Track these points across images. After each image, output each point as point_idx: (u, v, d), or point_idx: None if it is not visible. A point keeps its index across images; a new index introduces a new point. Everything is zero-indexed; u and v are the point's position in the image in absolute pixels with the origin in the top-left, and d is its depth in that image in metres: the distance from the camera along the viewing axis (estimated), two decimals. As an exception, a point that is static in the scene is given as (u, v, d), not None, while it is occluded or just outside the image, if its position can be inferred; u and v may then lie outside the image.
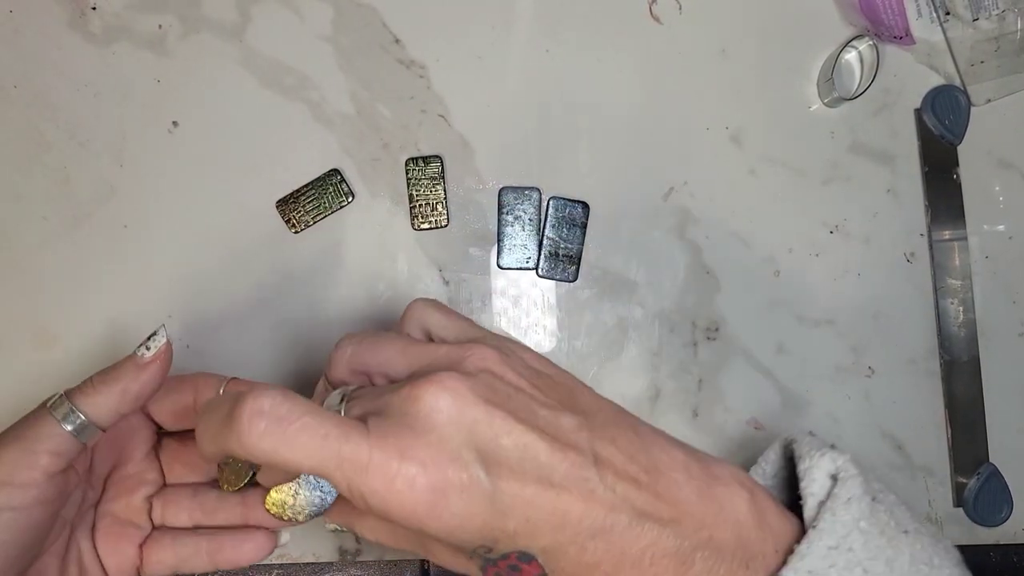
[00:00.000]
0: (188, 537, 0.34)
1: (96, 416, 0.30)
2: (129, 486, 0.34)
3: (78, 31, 0.46)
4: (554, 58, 0.47)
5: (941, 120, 0.48)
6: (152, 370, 0.31)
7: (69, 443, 0.30)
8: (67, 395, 0.30)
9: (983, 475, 0.47)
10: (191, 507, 0.35)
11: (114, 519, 0.34)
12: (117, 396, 0.30)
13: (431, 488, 0.23)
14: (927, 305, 0.48)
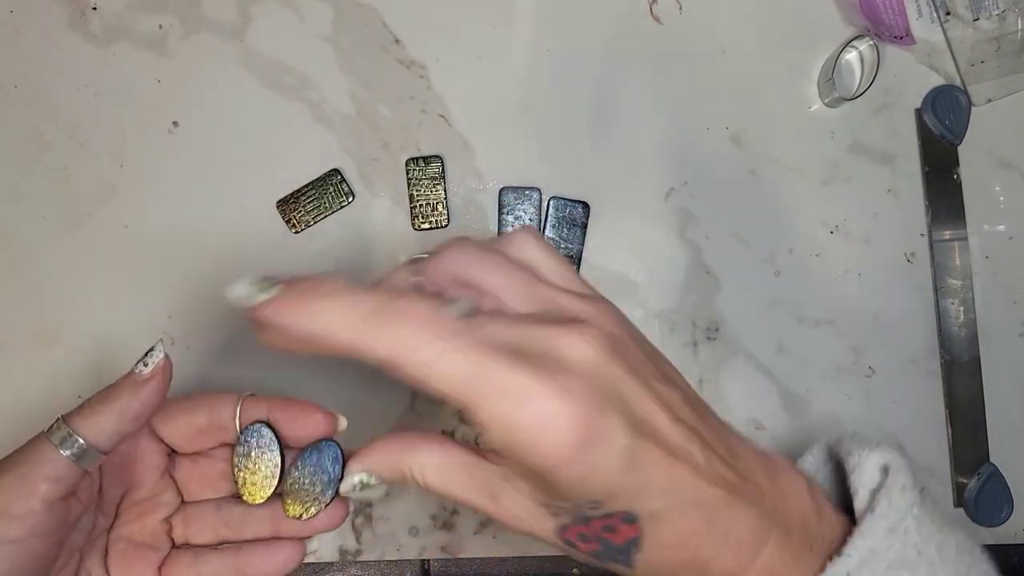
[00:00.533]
0: (212, 554, 0.33)
1: (95, 439, 0.29)
2: (144, 509, 0.33)
3: (78, 31, 0.46)
4: (554, 58, 0.47)
5: (941, 120, 0.48)
6: (151, 387, 0.29)
7: (68, 469, 0.28)
8: (64, 419, 0.29)
9: (983, 475, 0.47)
10: (215, 523, 0.34)
11: (129, 543, 0.33)
12: (116, 416, 0.29)
13: (583, 431, 0.23)
14: (927, 305, 0.48)
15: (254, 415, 0.33)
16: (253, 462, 0.32)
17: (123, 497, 0.33)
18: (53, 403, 0.44)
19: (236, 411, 0.33)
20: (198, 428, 0.33)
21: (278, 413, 0.32)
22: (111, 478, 0.33)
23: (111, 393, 0.30)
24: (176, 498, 0.34)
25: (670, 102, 0.48)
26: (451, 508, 0.46)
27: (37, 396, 0.44)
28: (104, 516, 0.33)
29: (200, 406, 0.33)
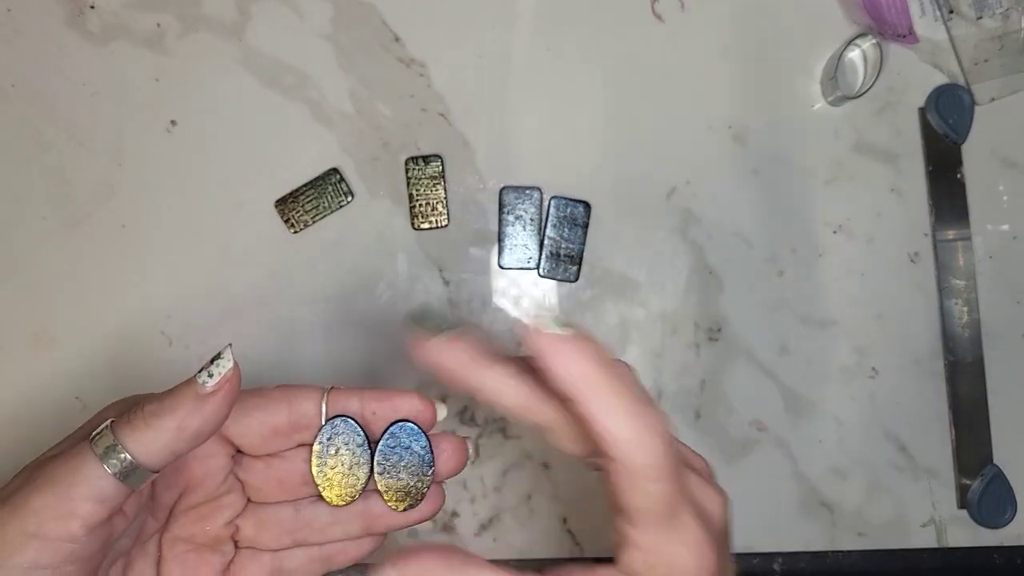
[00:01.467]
0: (292, 551, 0.30)
1: (145, 457, 0.25)
2: (204, 513, 0.29)
3: (76, 30, 0.45)
4: (555, 56, 0.47)
5: (945, 119, 0.47)
6: (215, 402, 0.25)
7: (114, 488, 0.25)
8: (113, 429, 0.25)
9: (987, 477, 0.46)
10: (295, 527, 0.30)
11: (187, 547, 0.29)
12: (172, 434, 0.25)
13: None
14: (931, 305, 0.48)
15: (343, 408, 0.29)
16: (338, 460, 0.29)
17: (179, 499, 0.29)
18: (52, 403, 0.44)
19: (322, 406, 0.29)
20: (274, 428, 0.29)
21: (373, 404, 0.29)
22: (165, 481, 0.29)
23: (168, 403, 0.25)
24: (241, 500, 0.30)
25: (672, 100, 0.47)
26: (451, 509, 0.45)
27: (37, 396, 0.44)
28: (155, 519, 0.29)
29: (278, 402, 0.29)
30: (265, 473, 0.30)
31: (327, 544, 0.30)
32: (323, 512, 0.30)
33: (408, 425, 0.29)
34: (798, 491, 0.47)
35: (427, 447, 0.30)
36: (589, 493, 0.46)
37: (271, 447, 0.29)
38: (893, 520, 0.47)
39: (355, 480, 0.29)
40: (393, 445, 0.29)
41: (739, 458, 0.46)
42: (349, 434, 0.29)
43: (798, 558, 0.47)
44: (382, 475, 0.30)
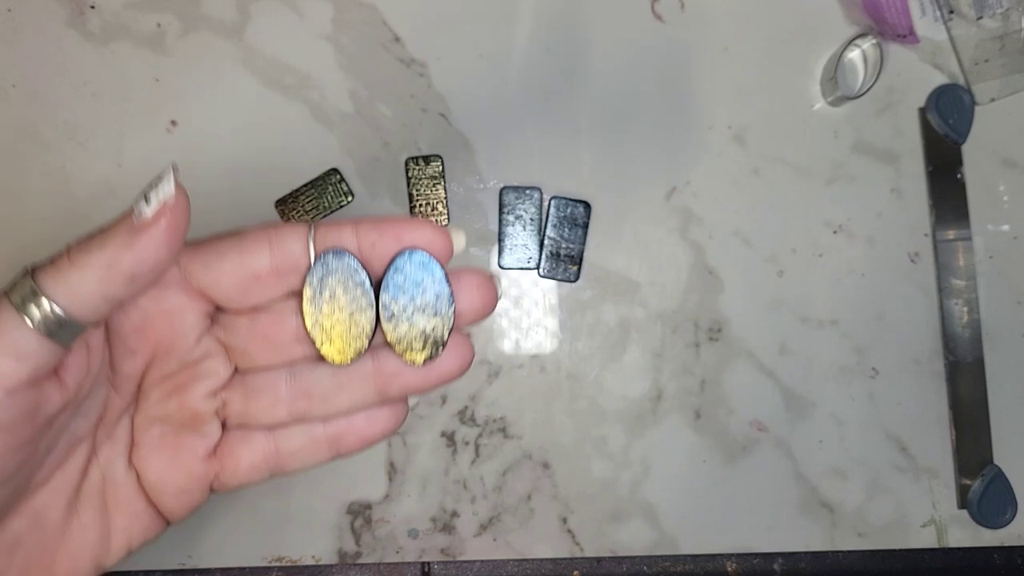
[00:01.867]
0: (291, 430, 0.25)
1: (72, 304, 0.20)
2: (179, 384, 0.24)
3: (77, 30, 0.45)
4: (556, 56, 0.47)
5: (945, 119, 0.47)
6: (154, 234, 0.20)
7: (35, 344, 0.20)
8: (32, 274, 0.21)
9: (987, 477, 0.46)
10: (292, 396, 0.25)
11: (164, 429, 0.24)
12: (101, 273, 0.20)
13: None
14: (931, 306, 0.48)
15: (335, 244, 0.24)
16: (335, 306, 0.24)
17: (147, 369, 0.24)
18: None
19: (309, 242, 0.23)
20: (254, 273, 0.23)
21: (372, 234, 0.24)
22: (124, 346, 0.24)
23: (97, 240, 0.21)
24: (225, 367, 0.25)
25: (672, 100, 0.47)
26: (451, 510, 0.45)
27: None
28: (120, 395, 0.24)
29: (256, 242, 0.23)
30: (250, 331, 0.24)
31: (333, 419, 0.25)
32: (324, 375, 0.25)
33: (417, 253, 0.23)
34: (798, 491, 0.47)
35: (444, 279, 0.24)
36: (589, 493, 0.46)
37: (254, 298, 0.24)
38: (893, 520, 0.47)
39: (358, 330, 0.24)
40: (401, 281, 0.24)
41: (739, 458, 0.46)
42: (345, 272, 0.23)
43: (798, 558, 0.47)
44: (391, 320, 0.24)
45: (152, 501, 0.25)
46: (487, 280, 0.25)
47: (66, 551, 0.23)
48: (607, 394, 0.46)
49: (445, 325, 0.24)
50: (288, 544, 0.45)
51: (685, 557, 0.46)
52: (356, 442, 0.25)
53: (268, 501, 0.45)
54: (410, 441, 0.45)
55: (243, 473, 0.25)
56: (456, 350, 0.24)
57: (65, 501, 0.23)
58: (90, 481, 0.24)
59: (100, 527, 0.24)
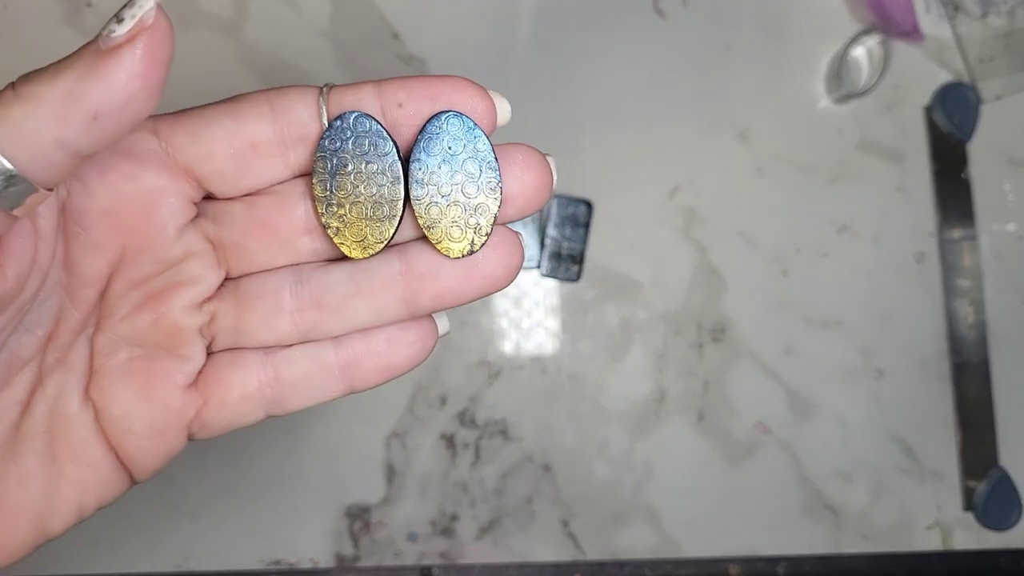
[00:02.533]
0: (292, 352, 0.20)
1: (17, 149, 0.15)
2: (154, 292, 0.19)
3: (73, 28, 0.45)
4: (557, 54, 0.46)
5: (950, 117, 0.47)
6: (125, 62, 0.15)
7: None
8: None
9: (993, 479, 0.46)
10: (300, 304, 0.19)
11: (133, 352, 0.19)
12: (54, 108, 0.15)
13: None
14: (937, 306, 0.47)
15: (355, 108, 0.19)
16: (355, 184, 0.19)
17: (112, 274, 0.19)
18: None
19: (320, 105, 0.18)
20: (251, 142, 0.18)
21: (399, 94, 0.19)
22: (84, 237, 0.18)
23: (51, 68, 0.16)
24: (214, 272, 0.19)
25: (674, 99, 0.47)
26: (451, 513, 0.45)
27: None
28: (77, 308, 0.19)
29: (255, 105, 0.18)
30: (247, 218, 0.19)
31: (347, 339, 0.20)
32: (340, 277, 0.19)
33: (456, 116, 0.19)
34: (802, 494, 0.46)
35: (489, 150, 0.19)
36: (591, 496, 0.45)
37: (252, 176, 0.19)
38: (898, 523, 0.46)
39: (383, 212, 0.19)
40: (436, 150, 0.19)
41: (743, 460, 0.46)
42: (367, 138, 0.18)
43: (803, 562, 0.46)
44: (423, 200, 0.19)
45: (113, 445, 0.19)
46: (539, 156, 0.20)
47: (0, 508, 0.18)
48: (609, 396, 0.46)
49: (490, 208, 0.19)
50: (285, 547, 0.44)
51: (688, 561, 0.46)
52: (374, 371, 0.20)
53: (266, 504, 0.44)
54: (409, 443, 0.45)
55: (231, 408, 0.20)
56: (502, 247, 0.19)
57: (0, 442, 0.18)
58: (33, 418, 0.18)
59: (45, 479, 0.19)
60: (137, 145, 0.18)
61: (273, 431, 0.45)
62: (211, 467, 0.44)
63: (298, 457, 0.44)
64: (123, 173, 0.18)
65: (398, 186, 0.18)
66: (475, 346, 0.45)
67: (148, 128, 0.18)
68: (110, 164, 0.18)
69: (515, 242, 0.20)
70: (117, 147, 0.18)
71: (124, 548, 0.44)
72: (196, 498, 0.44)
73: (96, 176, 0.18)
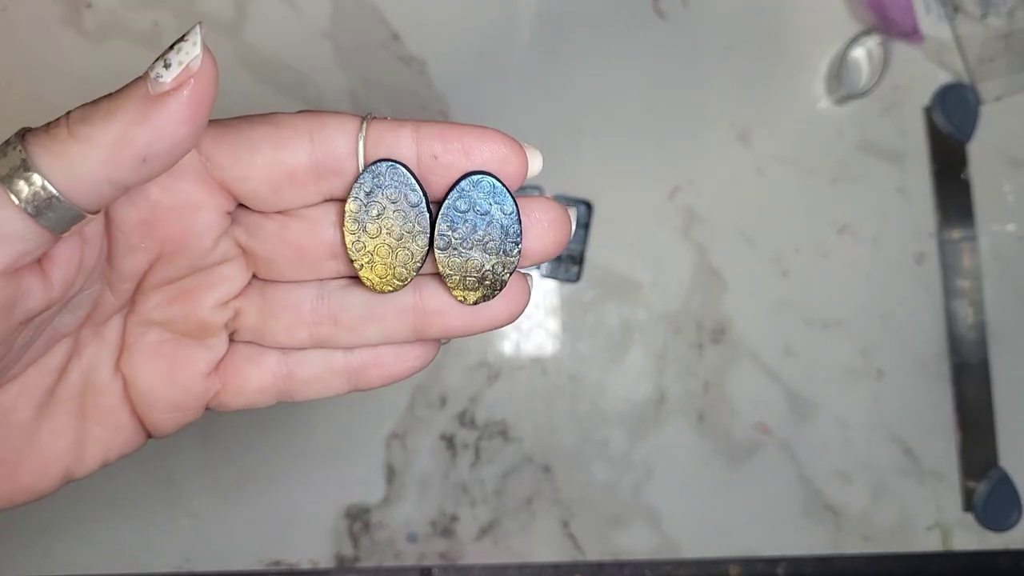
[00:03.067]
0: (307, 354, 0.22)
1: (71, 186, 0.16)
2: (187, 289, 0.21)
3: (73, 28, 0.45)
4: (557, 55, 0.46)
5: (950, 118, 0.47)
6: (173, 108, 0.17)
7: (21, 226, 0.16)
8: (24, 138, 0.17)
9: (993, 479, 0.46)
10: (317, 318, 0.21)
11: (163, 335, 0.21)
12: (106, 153, 0.16)
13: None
14: (937, 307, 0.47)
15: (390, 150, 0.20)
16: (383, 226, 0.20)
17: (152, 266, 0.21)
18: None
19: (359, 144, 0.20)
20: (289, 171, 0.20)
21: (436, 144, 0.20)
22: (126, 241, 0.20)
23: (105, 108, 0.17)
24: (242, 275, 0.21)
25: (674, 99, 0.47)
26: (451, 514, 0.45)
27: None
28: (115, 294, 0.21)
29: (295, 132, 0.20)
30: (279, 237, 0.21)
31: (358, 350, 0.22)
32: (358, 301, 0.21)
33: (487, 180, 0.20)
34: (802, 494, 0.46)
35: (514, 213, 0.20)
36: (591, 497, 0.45)
37: (286, 200, 0.20)
38: (898, 523, 0.46)
39: (406, 256, 0.20)
40: (464, 208, 0.20)
41: (743, 461, 0.46)
42: (399, 188, 0.20)
43: (803, 563, 0.46)
44: (446, 250, 0.20)
45: (137, 413, 0.22)
46: (562, 214, 0.21)
47: (33, 456, 0.21)
48: (609, 396, 0.46)
49: (507, 266, 0.20)
50: (286, 548, 0.44)
51: (688, 561, 0.46)
52: (379, 378, 0.22)
53: (266, 504, 0.44)
54: (409, 444, 0.45)
55: (248, 395, 0.22)
56: (511, 293, 0.21)
57: (36, 401, 0.21)
58: (68, 383, 0.21)
59: (74, 435, 0.21)
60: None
61: (273, 432, 0.45)
62: (212, 468, 0.44)
63: (298, 458, 0.44)
64: (164, 187, 0.19)
65: (423, 236, 0.20)
66: (475, 347, 0.45)
67: None
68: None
69: (524, 288, 0.22)
70: None
71: (125, 549, 0.44)
72: (197, 499, 0.44)
73: (138, 189, 0.19)
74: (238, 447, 0.44)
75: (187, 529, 0.44)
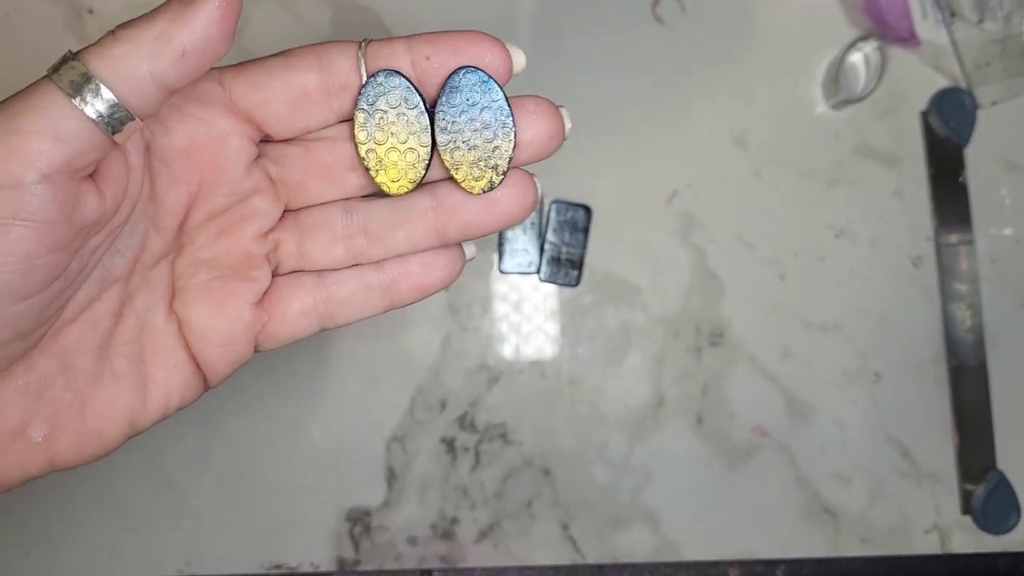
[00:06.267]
0: (342, 274, 0.24)
1: (119, 83, 0.18)
2: (227, 224, 0.23)
3: (75, 34, 0.45)
4: (556, 60, 0.47)
5: (947, 122, 0.47)
6: (206, 8, 0.19)
7: (78, 125, 0.18)
8: (77, 54, 0.19)
9: (991, 482, 0.46)
10: (349, 232, 0.23)
11: (210, 274, 0.23)
12: (149, 48, 0.18)
13: None
14: (934, 310, 0.48)
15: (387, 62, 0.22)
16: (388, 131, 0.22)
17: (190, 207, 0.23)
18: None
19: (360, 61, 0.22)
20: (303, 91, 0.22)
21: (426, 48, 0.23)
22: (167, 172, 0.22)
23: (145, 17, 0.19)
24: (275, 206, 0.23)
25: (673, 104, 0.47)
26: (451, 517, 0.45)
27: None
28: (160, 235, 0.22)
29: (303, 58, 0.22)
30: (304, 158, 0.23)
31: (387, 264, 0.24)
32: (382, 210, 0.23)
33: (472, 72, 0.22)
34: (800, 497, 0.46)
35: (503, 99, 0.22)
36: (590, 499, 0.45)
37: (303, 121, 0.23)
38: (896, 526, 0.47)
39: (414, 156, 0.22)
40: (456, 102, 0.22)
41: (741, 463, 0.46)
42: (398, 93, 0.22)
43: (801, 565, 0.46)
44: (447, 146, 0.22)
45: (193, 353, 0.23)
46: (551, 106, 0.23)
47: (98, 401, 0.22)
48: (608, 399, 0.46)
49: (505, 150, 0.22)
50: (287, 551, 0.44)
51: (687, 564, 0.46)
52: (411, 290, 0.24)
53: (267, 507, 0.44)
54: (409, 447, 0.45)
55: (291, 321, 0.24)
56: (517, 186, 0.23)
57: (96, 345, 0.22)
58: (124, 327, 0.22)
59: (136, 379, 0.22)
60: (207, 92, 0.22)
61: (274, 435, 0.45)
62: (213, 472, 0.44)
63: (299, 461, 0.45)
64: (196, 117, 0.22)
65: (426, 134, 0.22)
66: (475, 350, 0.46)
67: (214, 79, 0.22)
68: (185, 109, 0.22)
69: (529, 183, 0.23)
70: (190, 94, 0.21)
71: (127, 553, 0.44)
72: (198, 503, 0.44)
73: (175, 119, 0.21)
74: (239, 450, 0.44)
75: (188, 532, 0.44)
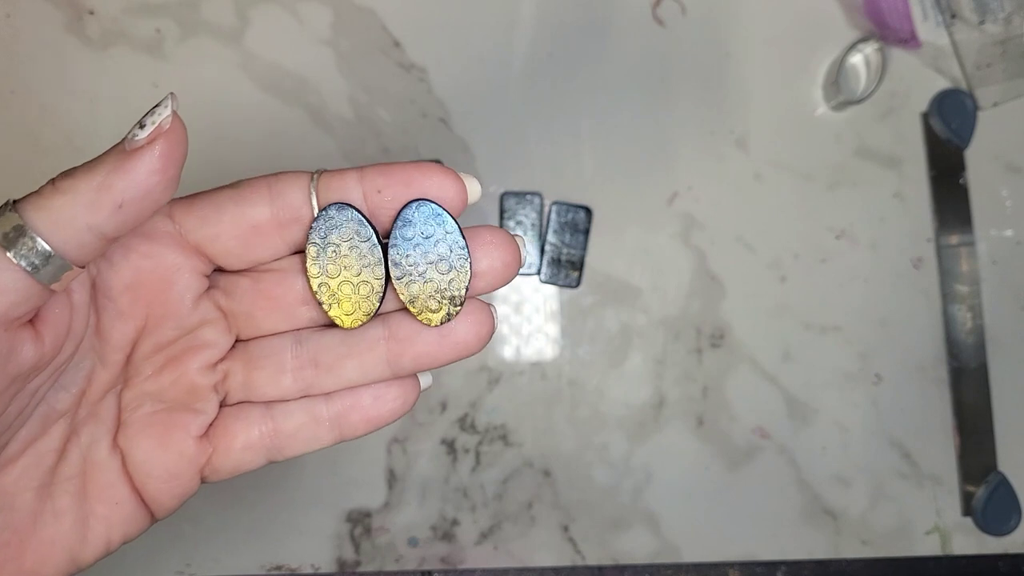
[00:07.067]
0: (290, 406, 0.23)
1: (56, 234, 0.18)
2: (175, 355, 0.22)
3: (76, 35, 0.45)
4: (556, 61, 0.47)
5: (948, 124, 0.47)
6: (146, 160, 0.18)
7: (14, 277, 0.18)
8: (16, 204, 0.18)
9: (992, 484, 0.46)
10: (299, 363, 0.23)
11: (156, 406, 0.22)
12: (87, 198, 0.18)
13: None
14: (935, 311, 0.47)
15: (340, 195, 0.22)
16: (342, 264, 0.22)
17: (138, 338, 0.22)
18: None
19: (311, 194, 0.22)
20: (254, 225, 0.22)
21: (379, 180, 0.22)
22: (112, 308, 0.22)
23: (86, 165, 0.19)
24: (226, 336, 0.23)
25: (673, 106, 0.47)
26: (452, 518, 0.45)
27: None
28: (106, 368, 0.22)
29: (255, 191, 0.22)
30: (254, 292, 0.23)
31: (337, 395, 0.23)
32: (333, 340, 0.23)
33: (425, 204, 0.22)
34: (801, 499, 0.46)
35: (457, 231, 0.22)
36: (591, 501, 0.45)
37: (255, 253, 0.22)
38: (897, 528, 0.47)
39: (368, 289, 0.22)
40: (410, 235, 0.22)
41: (742, 465, 0.46)
42: (351, 226, 0.21)
43: (801, 566, 0.46)
44: (403, 279, 0.22)
45: (137, 487, 0.22)
46: (506, 236, 0.23)
47: (37, 540, 0.21)
48: (608, 401, 0.46)
49: (461, 280, 0.22)
50: (287, 552, 0.44)
51: (687, 565, 0.46)
52: (361, 422, 0.23)
53: (267, 509, 0.44)
54: (410, 449, 0.45)
55: (236, 454, 0.23)
56: (473, 316, 0.22)
57: (37, 483, 0.21)
58: (68, 463, 0.22)
59: (77, 515, 0.22)
60: (155, 227, 0.21)
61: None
62: (212, 472, 0.44)
63: (299, 463, 0.45)
64: (143, 252, 0.21)
65: (380, 266, 0.22)
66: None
67: (164, 212, 0.21)
68: (132, 244, 0.21)
69: (486, 313, 0.23)
70: (138, 230, 0.21)
71: (126, 555, 0.44)
72: (198, 504, 0.44)
73: (120, 255, 0.21)
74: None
75: (188, 534, 0.44)
